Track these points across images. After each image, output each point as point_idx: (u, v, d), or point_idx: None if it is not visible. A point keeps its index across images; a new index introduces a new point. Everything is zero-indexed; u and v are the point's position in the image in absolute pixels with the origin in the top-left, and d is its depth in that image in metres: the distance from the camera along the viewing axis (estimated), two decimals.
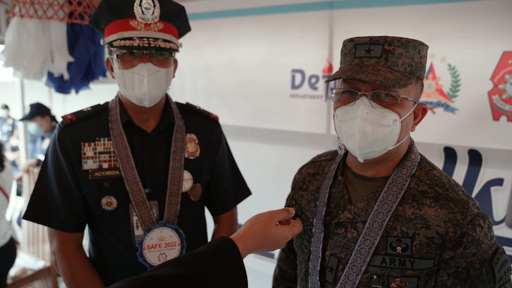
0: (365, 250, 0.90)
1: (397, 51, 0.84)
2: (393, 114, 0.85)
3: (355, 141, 0.86)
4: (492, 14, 1.62)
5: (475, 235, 0.84)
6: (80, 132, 1.21)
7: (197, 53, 2.49)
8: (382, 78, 0.81)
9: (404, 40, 0.84)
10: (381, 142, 0.86)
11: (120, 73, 1.17)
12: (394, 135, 0.86)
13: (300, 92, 2.16)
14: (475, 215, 0.86)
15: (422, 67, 0.89)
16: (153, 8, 1.15)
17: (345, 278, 0.92)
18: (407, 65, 0.85)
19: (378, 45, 0.85)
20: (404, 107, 0.86)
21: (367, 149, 0.87)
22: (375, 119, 0.84)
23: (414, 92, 0.88)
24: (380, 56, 0.85)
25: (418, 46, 0.86)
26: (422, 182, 0.92)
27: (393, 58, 0.84)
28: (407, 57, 0.85)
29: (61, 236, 1.21)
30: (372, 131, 0.84)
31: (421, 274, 0.87)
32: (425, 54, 0.90)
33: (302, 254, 1.07)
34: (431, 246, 0.86)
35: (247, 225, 0.87)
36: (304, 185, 1.11)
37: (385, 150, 0.88)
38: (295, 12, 2.13)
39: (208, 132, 1.37)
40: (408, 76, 0.84)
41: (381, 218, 0.90)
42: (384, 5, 1.86)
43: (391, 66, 0.84)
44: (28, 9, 2.05)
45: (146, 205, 1.21)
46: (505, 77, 1.62)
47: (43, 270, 2.98)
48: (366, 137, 0.85)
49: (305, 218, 1.06)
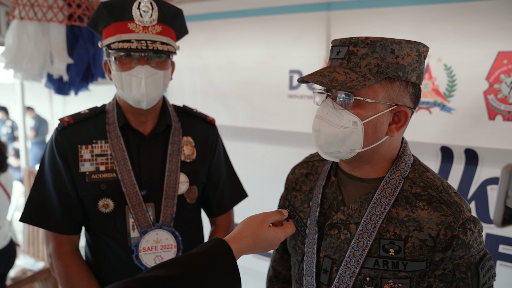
0: (358, 252, 0.90)
1: (360, 52, 0.83)
2: (352, 116, 0.84)
3: (314, 139, 0.89)
4: (487, 14, 1.63)
5: (465, 239, 0.84)
6: (77, 135, 1.22)
7: (196, 54, 2.50)
8: (327, 80, 0.81)
9: (370, 40, 0.82)
10: (342, 143, 0.85)
11: (118, 75, 1.18)
12: (357, 137, 0.85)
13: (298, 93, 2.17)
14: (467, 219, 0.86)
15: (400, 67, 0.83)
16: (151, 11, 1.16)
17: (339, 280, 0.92)
18: (372, 66, 0.82)
19: (344, 47, 0.85)
20: (365, 109, 0.84)
21: (328, 148, 0.88)
22: (333, 119, 0.85)
23: (385, 93, 0.84)
24: (343, 57, 0.85)
25: (391, 46, 0.82)
26: (415, 185, 0.91)
27: (355, 59, 0.83)
28: (373, 57, 0.82)
29: (57, 238, 1.22)
30: (329, 131, 0.85)
31: (413, 276, 0.88)
32: (409, 54, 0.83)
33: (296, 255, 1.07)
34: (424, 248, 0.86)
35: (240, 226, 0.87)
36: (298, 186, 1.11)
37: (353, 152, 0.88)
38: (292, 13, 2.14)
39: (205, 135, 1.38)
40: (368, 78, 0.81)
41: (374, 220, 0.90)
42: (380, 6, 1.87)
43: (352, 67, 0.83)
44: (28, 11, 2.07)
45: (142, 207, 1.22)
46: (500, 77, 1.62)
47: (43, 271, 2.99)
48: (323, 136, 0.87)
49: (299, 219, 1.06)
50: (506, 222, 0.83)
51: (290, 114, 2.22)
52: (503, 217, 0.81)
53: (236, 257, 0.81)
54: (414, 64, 0.85)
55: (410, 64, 0.84)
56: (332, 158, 0.91)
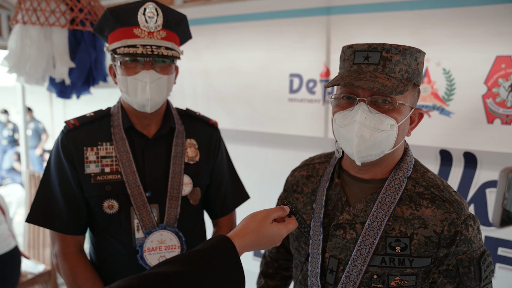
0: (365, 250, 0.93)
1: (394, 58, 0.87)
2: (391, 119, 0.87)
3: (353, 145, 0.89)
4: (485, 19, 1.65)
5: (467, 235, 0.89)
6: (82, 137, 1.24)
7: (197, 58, 2.53)
8: (380, 85, 0.83)
9: (402, 47, 0.87)
10: (378, 146, 0.89)
11: (123, 80, 1.20)
12: (391, 139, 0.89)
13: (298, 96, 2.19)
14: (468, 216, 0.90)
15: (418, 73, 0.91)
16: (156, 17, 1.18)
17: (346, 279, 0.94)
18: (404, 72, 0.88)
19: (376, 52, 0.87)
20: (401, 113, 0.89)
21: (364, 152, 0.90)
22: (373, 124, 0.87)
23: (411, 98, 0.91)
24: (378, 63, 0.87)
25: (415, 54, 0.89)
26: (418, 184, 0.95)
27: (390, 65, 0.87)
28: (404, 64, 0.88)
29: (63, 239, 1.23)
30: (370, 135, 0.87)
31: (419, 272, 0.91)
32: (422, 61, 0.92)
33: (299, 257, 1.08)
34: (429, 244, 0.89)
35: (243, 223, 0.89)
36: (299, 188, 1.13)
37: (382, 154, 0.92)
38: (293, 17, 2.16)
39: (208, 138, 1.40)
40: (405, 83, 0.86)
41: (380, 218, 0.93)
42: (380, 10, 1.89)
43: (388, 73, 0.87)
44: (30, 16, 2.09)
45: (146, 208, 1.23)
46: (499, 81, 1.65)
47: (44, 273, 2.99)
48: (364, 141, 0.88)
49: (302, 220, 1.08)
50: (504, 223, 0.86)
51: (290, 118, 2.24)
52: (501, 218, 0.84)
53: (240, 253, 0.82)
54: (422, 71, 0.95)
55: (422, 71, 0.94)
56: (362, 160, 0.93)
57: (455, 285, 0.91)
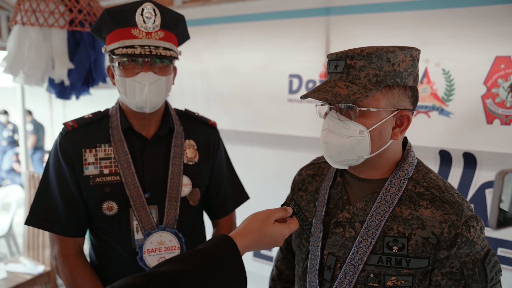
0: (362, 250, 0.93)
1: (358, 64, 0.87)
2: (358, 125, 0.88)
3: (323, 151, 0.94)
4: (485, 20, 1.65)
5: (469, 236, 0.88)
6: (81, 139, 1.24)
7: (196, 58, 2.52)
8: (331, 96, 0.86)
9: (366, 52, 0.86)
10: (351, 152, 0.90)
11: (121, 81, 1.20)
12: (364, 144, 0.89)
13: (298, 97, 2.19)
14: (469, 217, 0.89)
15: (397, 74, 0.87)
16: (154, 17, 1.18)
17: (343, 277, 0.95)
18: (371, 76, 0.86)
19: (341, 61, 0.89)
20: (370, 118, 0.88)
21: (338, 158, 0.92)
22: (339, 130, 0.90)
23: (386, 100, 0.88)
24: (342, 71, 0.89)
25: (386, 55, 0.86)
26: (419, 185, 0.95)
27: (354, 72, 0.88)
28: (371, 68, 0.86)
29: (62, 241, 1.23)
30: (337, 141, 0.90)
31: (416, 273, 0.90)
32: (404, 59, 0.87)
33: (300, 253, 1.10)
34: (427, 246, 0.89)
35: (245, 223, 0.89)
36: (304, 186, 1.14)
37: (362, 159, 0.92)
38: (292, 18, 2.16)
39: (207, 138, 1.40)
40: (369, 88, 0.85)
41: (378, 218, 0.93)
42: (379, 11, 1.89)
43: (352, 80, 0.88)
44: (29, 17, 2.09)
45: (146, 209, 1.23)
46: (498, 81, 1.65)
47: (43, 274, 2.99)
48: (332, 147, 0.91)
49: (304, 218, 1.09)
50: (501, 225, 0.86)
51: (289, 118, 2.24)
52: (497, 220, 0.84)
53: (241, 252, 0.82)
54: (410, 68, 0.90)
55: (406, 70, 0.89)
56: (342, 166, 0.95)
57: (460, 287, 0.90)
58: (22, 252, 3.34)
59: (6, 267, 2.99)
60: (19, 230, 4.53)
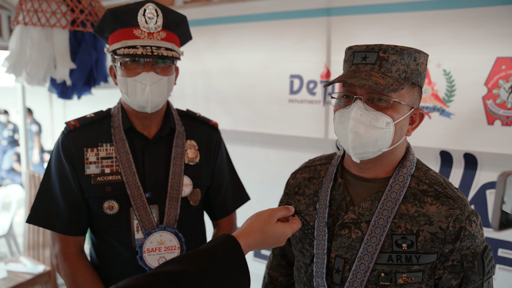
0: (372, 248, 0.94)
1: (391, 58, 0.88)
2: (386, 117, 0.89)
3: (348, 141, 0.91)
4: (486, 21, 1.66)
5: (471, 230, 0.91)
6: (83, 138, 1.24)
7: (197, 58, 2.53)
8: (372, 83, 0.85)
9: (399, 48, 0.88)
10: (374, 143, 0.90)
11: (123, 81, 1.20)
12: (388, 137, 0.90)
13: (299, 97, 2.19)
14: (471, 212, 0.92)
15: (419, 74, 0.92)
16: (156, 18, 1.18)
17: (353, 277, 0.95)
18: (401, 72, 0.89)
19: (373, 53, 0.89)
20: (397, 111, 0.90)
21: (360, 149, 0.91)
22: (368, 121, 0.89)
23: (409, 97, 0.92)
24: (375, 62, 0.89)
25: (414, 54, 0.90)
26: (421, 182, 0.96)
27: (387, 65, 0.89)
28: (401, 64, 0.89)
29: (63, 239, 1.23)
30: (365, 132, 0.89)
31: (425, 269, 0.92)
32: (423, 62, 0.93)
33: (304, 258, 1.08)
34: (435, 241, 0.91)
35: (248, 222, 0.89)
36: (300, 190, 1.13)
37: (380, 152, 0.93)
38: (293, 18, 2.16)
39: (208, 139, 1.40)
40: (401, 82, 0.88)
41: (386, 215, 0.94)
42: (380, 12, 1.89)
43: (384, 72, 0.89)
44: (31, 17, 2.09)
45: (146, 209, 1.23)
46: (499, 82, 1.65)
47: (43, 274, 2.99)
48: (359, 137, 0.90)
49: (305, 222, 1.08)
50: (503, 226, 0.86)
51: (290, 119, 2.24)
52: (499, 222, 0.84)
53: (245, 252, 0.82)
54: (425, 71, 0.95)
55: (423, 71, 0.94)
56: (359, 158, 0.94)
57: (459, 280, 0.92)
58: (22, 251, 3.34)
59: (6, 267, 2.99)
60: (19, 230, 4.53)
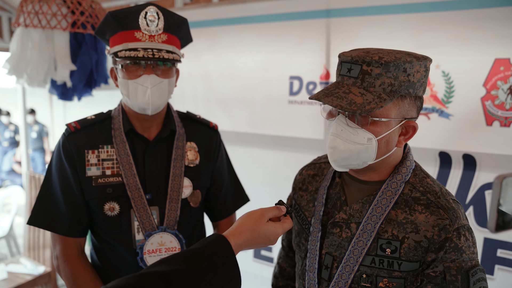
0: (358, 251, 0.94)
1: (374, 72, 0.84)
2: (367, 133, 0.87)
3: (329, 155, 0.93)
4: (484, 22, 1.66)
5: (458, 243, 0.87)
6: (84, 140, 1.25)
7: (197, 60, 2.54)
8: (346, 103, 0.83)
9: (384, 60, 0.83)
10: (356, 157, 0.89)
11: (124, 83, 1.21)
12: (371, 151, 0.89)
13: (298, 99, 2.20)
14: (463, 225, 0.89)
15: (411, 84, 0.86)
16: (157, 21, 1.19)
17: (339, 277, 0.96)
18: (386, 85, 0.84)
19: (357, 65, 0.85)
20: (380, 127, 0.87)
21: (342, 162, 0.92)
22: (348, 136, 0.88)
23: (397, 110, 0.88)
24: (357, 76, 0.86)
25: (403, 65, 0.84)
26: (415, 189, 0.95)
27: (369, 79, 0.85)
28: (387, 77, 0.84)
29: (64, 241, 1.24)
30: (345, 147, 0.89)
31: (407, 276, 0.91)
32: (419, 70, 0.86)
33: (300, 252, 1.11)
34: (419, 249, 0.89)
35: (238, 222, 0.89)
36: (304, 186, 1.15)
37: (365, 164, 0.92)
38: (293, 20, 2.17)
39: (208, 140, 1.41)
40: (383, 98, 0.83)
41: (374, 220, 0.94)
42: (380, 13, 1.90)
43: (366, 87, 0.85)
44: (32, 19, 2.10)
45: (147, 210, 1.24)
46: (497, 83, 1.66)
47: (44, 275, 3.00)
48: (338, 152, 0.90)
49: (304, 217, 1.10)
50: (500, 228, 0.86)
51: (290, 120, 2.25)
52: (496, 224, 0.85)
53: (235, 251, 0.82)
54: (422, 79, 0.89)
55: (419, 80, 0.88)
56: (344, 169, 0.94)
57: None
58: (22, 252, 3.34)
59: (6, 268, 2.99)
60: (19, 231, 4.54)
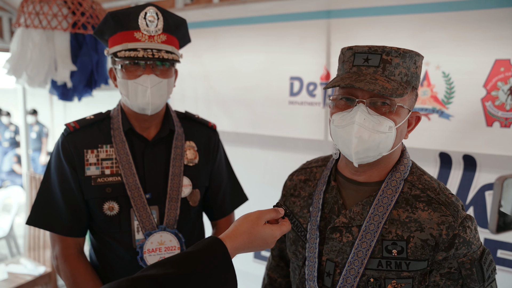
0: (362, 253, 0.92)
1: (394, 61, 0.87)
2: (389, 121, 0.88)
3: (351, 146, 0.89)
4: (485, 23, 1.66)
5: (466, 236, 0.89)
6: (83, 140, 1.25)
7: (197, 60, 2.54)
8: (380, 88, 0.84)
9: (402, 50, 0.87)
10: (376, 148, 0.89)
11: (124, 83, 1.21)
12: (390, 141, 0.90)
13: (299, 99, 2.20)
14: (464, 217, 0.90)
15: (417, 77, 0.92)
16: (156, 21, 1.19)
17: (344, 282, 0.94)
18: (403, 75, 0.88)
19: (377, 55, 0.87)
20: (399, 115, 0.90)
21: (363, 154, 0.90)
22: (372, 125, 0.87)
23: (409, 101, 0.92)
24: (378, 65, 0.87)
25: (414, 57, 0.89)
26: (414, 187, 0.95)
27: (390, 68, 0.87)
28: (403, 67, 0.88)
29: (63, 241, 1.24)
30: (369, 137, 0.87)
31: (415, 275, 0.91)
32: (420, 65, 0.92)
33: (297, 260, 1.07)
34: (426, 248, 0.89)
35: (235, 224, 0.87)
36: (296, 192, 1.13)
37: (380, 156, 0.92)
38: (293, 21, 2.17)
39: (207, 140, 1.41)
40: (404, 86, 0.87)
41: (377, 220, 0.93)
42: (380, 14, 1.90)
43: (388, 76, 0.87)
44: (33, 19, 2.11)
45: (146, 210, 1.24)
46: (498, 84, 1.65)
47: (44, 275, 3.00)
48: (362, 142, 0.88)
49: (299, 224, 1.06)
50: (500, 229, 0.87)
51: (290, 121, 2.25)
52: (497, 224, 0.85)
53: (232, 255, 0.81)
54: (420, 74, 0.95)
55: (420, 74, 0.95)
56: (360, 162, 0.93)
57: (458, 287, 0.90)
58: (22, 253, 3.35)
59: (7, 268, 3.00)
60: (19, 231, 4.54)
